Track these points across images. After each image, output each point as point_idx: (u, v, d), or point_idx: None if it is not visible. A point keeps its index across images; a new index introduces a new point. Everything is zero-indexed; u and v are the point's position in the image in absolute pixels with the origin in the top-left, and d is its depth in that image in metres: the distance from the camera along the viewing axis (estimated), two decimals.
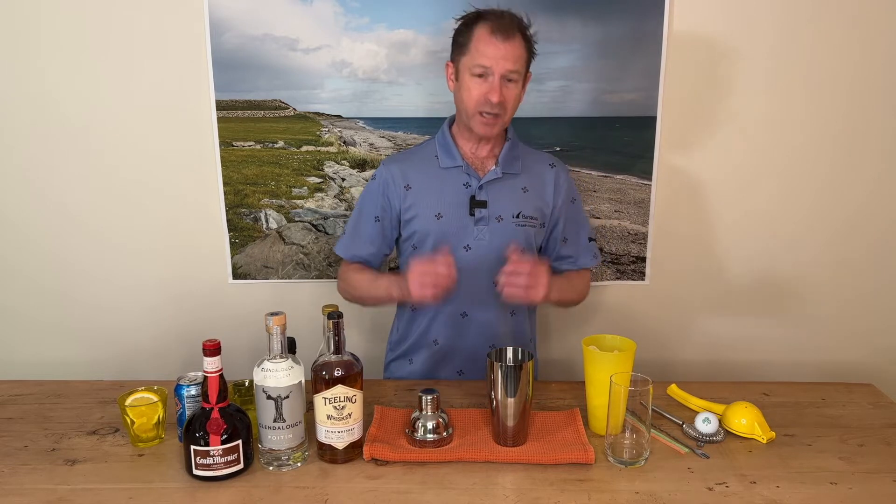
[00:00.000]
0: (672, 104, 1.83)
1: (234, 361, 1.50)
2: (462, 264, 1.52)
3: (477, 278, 1.53)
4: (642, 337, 1.61)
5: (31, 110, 1.83)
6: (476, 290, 1.55)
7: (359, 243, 1.60)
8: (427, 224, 1.53)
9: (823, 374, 2.01)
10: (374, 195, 1.58)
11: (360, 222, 1.60)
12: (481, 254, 1.53)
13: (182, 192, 1.89)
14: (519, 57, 1.41)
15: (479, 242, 1.53)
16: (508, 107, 1.45)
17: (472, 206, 1.52)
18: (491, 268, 1.52)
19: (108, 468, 1.20)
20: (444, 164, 1.54)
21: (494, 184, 1.53)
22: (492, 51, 1.39)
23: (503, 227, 1.53)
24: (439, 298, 1.39)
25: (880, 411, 1.42)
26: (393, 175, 1.55)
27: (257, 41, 1.78)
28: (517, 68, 1.41)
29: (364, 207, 1.60)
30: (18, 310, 1.96)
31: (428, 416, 1.24)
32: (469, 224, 1.53)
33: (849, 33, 1.79)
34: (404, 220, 1.56)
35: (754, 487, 1.14)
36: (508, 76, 1.41)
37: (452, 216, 1.53)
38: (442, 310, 1.57)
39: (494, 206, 1.53)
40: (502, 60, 1.39)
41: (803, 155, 1.88)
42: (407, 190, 1.55)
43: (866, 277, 1.97)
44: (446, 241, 1.53)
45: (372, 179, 1.59)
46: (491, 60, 1.40)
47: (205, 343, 1.12)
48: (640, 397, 1.18)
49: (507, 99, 1.43)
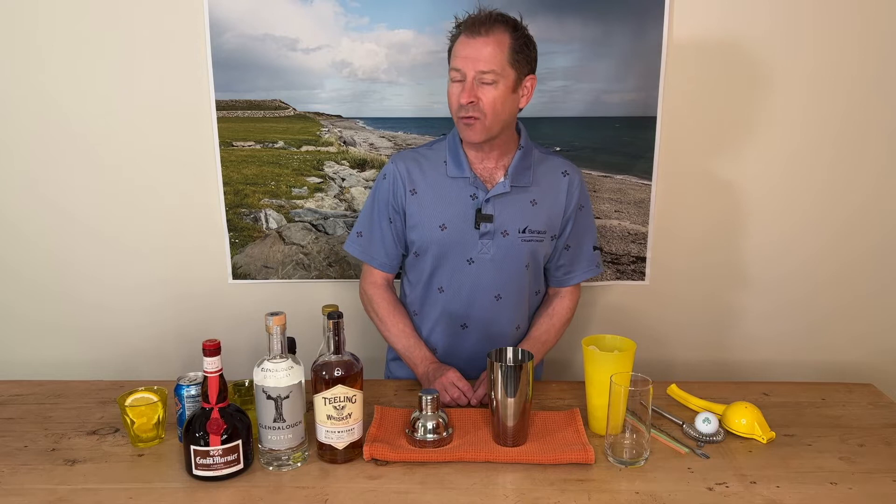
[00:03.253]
0: (672, 104, 1.83)
1: (234, 361, 1.50)
2: (464, 277, 1.52)
3: (479, 292, 1.52)
4: (642, 337, 1.61)
5: (31, 110, 1.83)
6: (478, 303, 1.53)
7: (375, 246, 1.55)
8: (430, 234, 1.50)
9: (823, 374, 2.01)
10: (384, 195, 1.53)
11: (374, 223, 1.55)
12: (484, 268, 1.50)
13: (182, 192, 1.89)
14: (491, 56, 1.34)
15: (482, 256, 1.50)
16: (486, 109, 1.37)
17: (477, 220, 1.48)
18: (493, 282, 1.51)
19: (108, 468, 1.20)
20: (452, 173, 1.49)
21: (502, 197, 1.48)
22: (462, 51, 1.37)
23: (508, 241, 1.49)
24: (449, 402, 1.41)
25: (880, 411, 1.42)
26: (402, 175, 1.50)
27: (257, 41, 1.78)
28: (490, 69, 1.35)
29: (375, 207, 1.55)
30: (18, 310, 1.96)
31: (428, 416, 1.24)
32: (474, 237, 1.49)
33: (849, 33, 1.79)
34: (408, 226, 1.52)
35: (754, 487, 1.14)
36: (481, 78, 1.35)
37: (456, 228, 1.49)
38: (442, 320, 1.56)
39: (501, 221, 1.48)
40: (471, 61, 1.35)
41: (803, 155, 1.88)
42: (412, 194, 1.50)
43: (866, 277, 1.97)
44: (449, 252, 1.50)
45: (382, 178, 1.54)
46: (462, 61, 1.36)
47: (205, 343, 1.13)
48: (640, 397, 1.18)
49: (483, 100, 1.36)
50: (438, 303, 1.55)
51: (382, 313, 1.56)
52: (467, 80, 1.37)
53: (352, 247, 1.59)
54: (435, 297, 1.55)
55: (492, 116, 1.39)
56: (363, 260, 1.58)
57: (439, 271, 1.52)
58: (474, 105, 1.37)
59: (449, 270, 1.52)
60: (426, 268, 1.53)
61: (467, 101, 1.37)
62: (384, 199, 1.53)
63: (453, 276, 1.52)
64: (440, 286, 1.54)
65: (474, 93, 1.36)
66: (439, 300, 1.55)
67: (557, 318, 1.59)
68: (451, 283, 1.52)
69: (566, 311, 1.61)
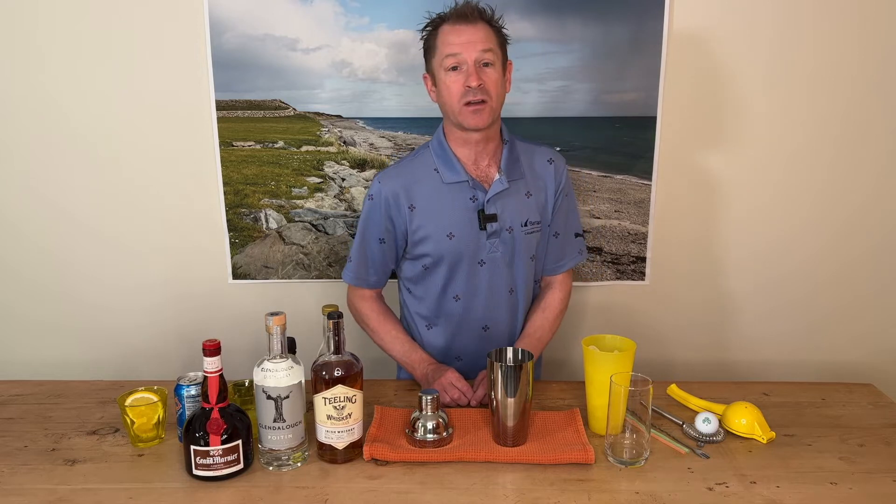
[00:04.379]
0: (672, 104, 1.83)
1: (234, 361, 1.50)
2: (479, 280, 1.52)
3: (495, 291, 1.53)
4: (642, 337, 1.61)
5: (31, 110, 1.83)
6: (494, 303, 1.54)
7: (366, 269, 1.55)
8: (440, 245, 1.48)
9: (823, 374, 2.01)
10: (375, 217, 1.50)
11: (365, 247, 1.54)
12: (496, 267, 1.51)
13: (182, 191, 1.89)
14: (486, 38, 1.37)
15: (492, 256, 1.50)
16: (492, 91, 1.38)
17: (482, 221, 1.48)
18: (506, 278, 1.53)
19: (108, 468, 1.20)
20: (448, 178, 1.47)
21: (501, 194, 1.48)
22: (457, 38, 1.37)
23: (514, 237, 1.50)
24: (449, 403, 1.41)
25: (880, 411, 1.42)
26: (394, 194, 1.47)
27: (257, 41, 1.78)
28: (488, 47, 1.37)
29: (366, 231, 1.52)
30: (18, 310, 1.96)
31: (428, 416, 1.24)
32: (482, 239, 1.49)
33: (849, 33, 1.79)
34: (412, 241, 1.50)
35: (754, 487, 1.14)
36: (482, 59, 1.37)
37: (464, 234, 1.48)
38: (463, 328, 1.56)
39: (504, 218, 1.49)
40: (471, 44, 1.36)
41: (803, 155, 1.88)
42: (412, 210, 1.48)
43: (866, 277, 1.97)
44: (461, 259, 1.49)
45: (369, 199, 1.50)
46: (459, 47, 1.36)
47: (205, 343, 1.13)
48: (640, 397, 1.18)
49: (488, 83, 1.37)
50: (456, 311, 1.54)
51: (373, 324, 1.57)
52: (469, 64, 1.37)
53: (348, 275, 1.57)
54: (451, 306, 1.54)
55: (496, 98, 1.40)
56: (356, 285, 1.57)
57: (454, 280, 1.52)
58: (482, 88, 1.37)
59: (463, 277, 1.51)
60: (439, 280, 1.52)
61: (477, 84, 1.36)
62: (373, 219, 1.51)
63: (468, 282, 1.52)
64: (456, 294, 1.53)
65: (479, 75, 1.37)
66: (457, 308, 1.54)
67: (550, 311, 1.59)
68: (467, 289, 1.52)
69: (558, 304, 1.61)
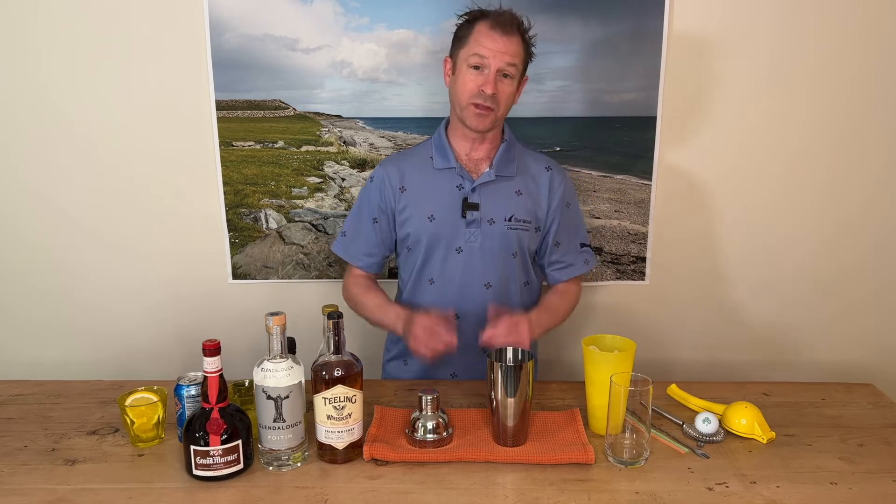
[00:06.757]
0: (672, 104, 1.83)
1: (234, 361, 1.50)
2: (454, 266, 1.55)
3: (469, 280, 1.55)
4: (642, 337, 1.61)
5: (31, 110, 1.82)
6: (469, 292, 1.55)
7: (358, 245, 1.61)
8: (420, 226, 1.54)
9: (823, 374, 2.01)
10: (371, 196, 1.58)
11: (359, 223, 1.61)
12: (473, 256, 1.54)
13: (182, 192, 1.89)
14: (516, 53, 1.42)
15: (470, 245, 1.53)
16: (502, 102, 1.44)
17: (464, 209, 1.52)
18: (483, 270, 1.54)
19: (107, 468, 1.20)
20: (438, 164, 1.54)
21: (488, 186, 1.52)
22: (490, 43, 1.41)
23: (495, 230, 1.53)
24: (433, 360, 1.41)
25: (880, 411, 1.42)
26: (389, 176, 1.56)
27: (257, 41, 1.78)
28: (514, 62, 1.42)
29: (362, 208, 1.61)
30: (18, 310, 1.96)
31: (428, 416, 1.24)
32: (461, 226, 1.53)
33: (849, 33, 1.79)
34: (399, 222, 1.57)
35: (754, 487, 1.14)
36: (504, 70, 1.42)
37: (444, 218, 1.53)
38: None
39: (487, 209, 1.52)
40: (500, 54, 1.40)
41: (803, 155, 1.88)
42: (402, 192, 1.55)
43: (866, 278, 1.97)
44: (438, 243, 1.53)
45: (370, 180, 1.60)
46: (489, 52, 1.40)
47: (205, 343, 1.13)
48: (640, 397, 1.18)
49: (501, 93, 1.43)
50: (429, 294, 1.57)
51: (360, 298, 1.59)
52: (490, 70, 1.41)
53: (337, 247, 1.64)
54: (425, 288, 1.58)
55: (504, 109, 1.47)
56: (346, 259, 1.63)
57: (429, 262, 1.56)
58: (494, 97, 1.42)
59: (439, 261, 1.55)
60: (417, 261, 1.57)
61: (491, 92, 1.41)
62: (370, 200, 1.58)
63: (443, 266, 1.55)
64: (430, 277, 1.57)
65: (496, 84, 1.42)
66: (430, 291, 1.57)
67: (568, 297, 1.63)
68: (442, 273, 1.55)
69: (573, 295, 1.65)
